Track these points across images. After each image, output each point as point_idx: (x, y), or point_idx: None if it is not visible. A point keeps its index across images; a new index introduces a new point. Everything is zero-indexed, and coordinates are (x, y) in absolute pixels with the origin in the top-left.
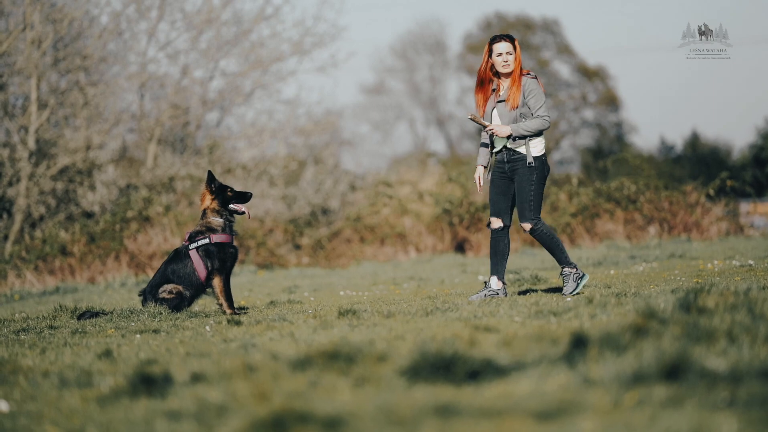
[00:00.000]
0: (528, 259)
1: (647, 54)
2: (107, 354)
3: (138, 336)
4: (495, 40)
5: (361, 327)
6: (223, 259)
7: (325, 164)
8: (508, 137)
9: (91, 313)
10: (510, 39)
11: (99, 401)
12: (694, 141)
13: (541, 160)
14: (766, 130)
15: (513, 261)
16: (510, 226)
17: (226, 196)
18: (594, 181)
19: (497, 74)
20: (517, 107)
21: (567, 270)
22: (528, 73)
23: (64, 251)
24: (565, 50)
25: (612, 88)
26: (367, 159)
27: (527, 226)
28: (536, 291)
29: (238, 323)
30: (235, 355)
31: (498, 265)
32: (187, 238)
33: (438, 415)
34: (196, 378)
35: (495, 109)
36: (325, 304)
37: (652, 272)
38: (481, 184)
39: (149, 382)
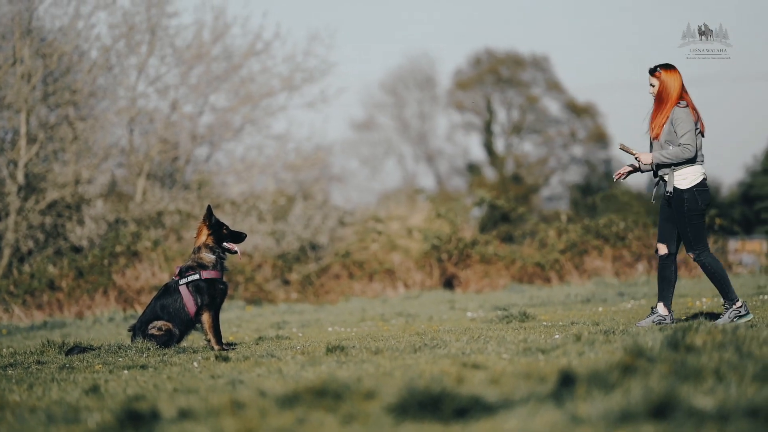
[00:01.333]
0: (516, 296)
1: (637, 91)
2: (94, 390)
3: (126, 372)
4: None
5: (349, 363)
6: (213, 295)
7: (315, 199)
8: (656, 167)
9: (79, 349)
10: (653, 71)
11: None
12: None
13: (693, 192)
14: (755, 167)
15: (501, 298)
16: (676, 253)
17: (221, 234)
18: (583, 217)
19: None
20: (657, 137)
21: (729, 305)
22: (679, 102)
23: (52, 286)
24: (554, 87)
25: (601, 125)
26: (357, 194)
27: (690, 255)
28: (525, 329)
29: (226, 359)
30: (222, 392)
31: (664, 291)
32: (177, 273)
33: None
34: (184, 414)
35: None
36: (314, 340)
37: (641, 309)
38: (620, 176)
39: (136, 419)
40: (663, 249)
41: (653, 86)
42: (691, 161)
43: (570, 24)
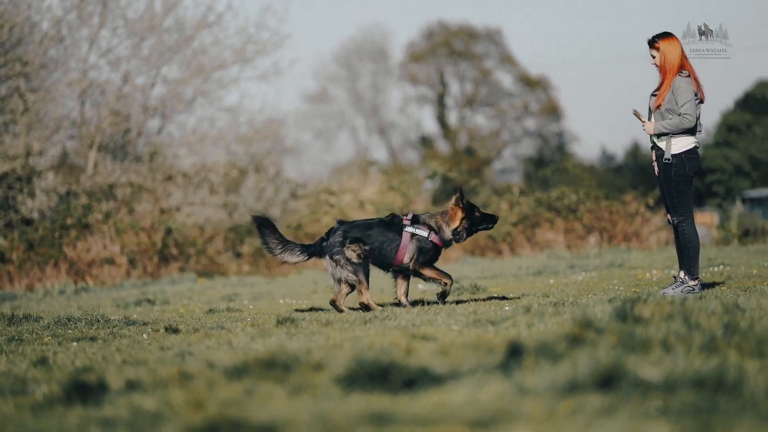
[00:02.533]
0: (468, 268)
1: (589, 65)
2: (42, 362)
3: (75, 344)
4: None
5: (299, 335)
6: (433, 258)
7: (267, 172)
8: (657, 143)
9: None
10: (652, 43)
11: (33, 409)
12: (634, 151)
13: (681, 158)
14: (707, 141)
15: (453, 270)
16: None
17: (474, 218)
18: (535, 190)
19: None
20: (659, 106)
21: (687, 278)
22: (681, 72)
23: (2, 258)
24: (507, 60)
25: (554, 98)
26: (309, 167)
27: (674, 219)
28: (476, 300)
29: (176, 331)
30: (171, 363)
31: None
32: (409, 216)
33: (373, 424)
34: (132, 386)
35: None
36: (264, 313)
37: (591, 281)
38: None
39: (84, 390)
40: (669, 217)
41: (654, 57)
42: (690, 131)
43: None
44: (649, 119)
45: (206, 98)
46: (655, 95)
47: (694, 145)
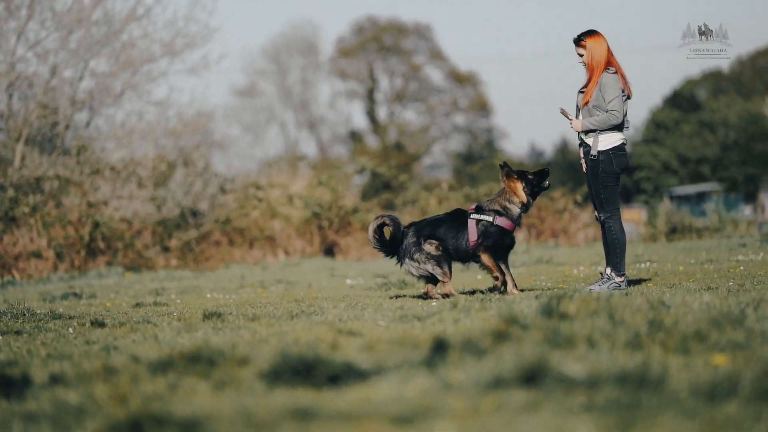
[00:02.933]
0: (397, 264)
1: (519, 61)
2: None
3: None
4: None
5: (225, 330)
6: (499, 244)
7: (195, 166)
8: (584, 140)
9: None
10: (578, 41)
11: None
12: (563, 147)
13: (609, 154)
14: (635, 138)
15: (381, 266)
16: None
17: (532, 183)
18: (464, 186)
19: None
20: (587, 103)
21: (613, 275)
22: (608, 68)
23: None
24: (437, 55)
25: (483, 94)
26: (238, 161)
27: (601, 215)
28: (403, 296)
29: (102, 325)
30: (96, 357)
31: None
32: (473, 206)
33: (296, 419)
34: (56, 380)
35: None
36: (191, 307)
37: (519, 277)
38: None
39: (7, 384)
40: (596, 214)
41: (581, 56)
42: (617, 127)
43: None
44: (577, 116)
45: (135, 91)
46: (582, 92)
47: (621, 141)
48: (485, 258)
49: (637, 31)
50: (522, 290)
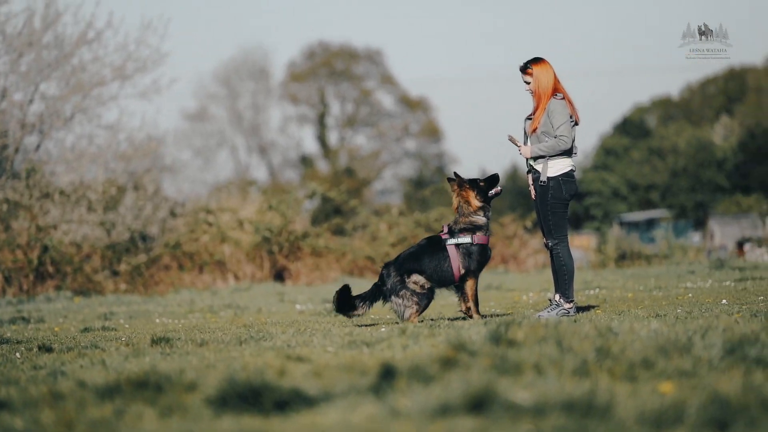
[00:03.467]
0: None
1: (469, 86)
2: None
3: None
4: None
5: (174, 355)
6: (482, 261)
7: (146, 190)
8: (534, 166)
9: None
10: (525, 68)
11: None
12: (513, 173)
13: (558, 181)
14: (584, 164)
15: (330, 291)
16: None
17: (481, 188)
18: (414, 211)
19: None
20: (535, 129)
21: (562, 302)
22: (556, 95)
23: None
24: (387, 80)
25: (433, 119)
26: (188, 185)
27: (549, 242)
28: (351, 322)
29: (50, 350)
30: (43, 383)
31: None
32: (445, 231)
33: None
34: (1, 405)
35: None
36: (140, 332)
37: None
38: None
39: None
40: (545, 240)
41: (528, 83)
42: (566, 153)
43: (403, 17)
44: (525, 143)
45: (85, 115)
46: (530, 119)
47: (570, 168)
48: (470, 284)
49: (587, 56)
50: (483, 315)
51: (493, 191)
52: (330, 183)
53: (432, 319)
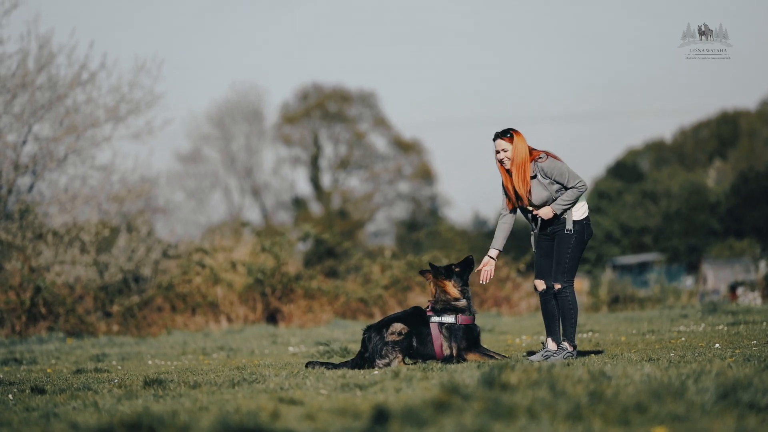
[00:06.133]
0: (339, 331)
1: (462, 128)
2: None
3: None
4: (494, 137)
5: (167, 397)
6: (471, 339)
7: (139, 231)
8: (554, 217)
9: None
10: (504, 135)
11: None
12: None
13: (582, 224)
14: None
15: (323, 333)
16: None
17: (456, 274)
18: (407, 253)
19: None
20: (530, 194)
21: (566, 346)
22: (539, 157)
23: None
24: (381, 123)
25: (427, 162)
26: (181, 227)
27: (557, 286)
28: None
29: (43, 392)
30: (36, 425)
31: (551, 326)
32: (430, 308)
33: None
34: None
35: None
36: (133, 374)
37: None
38: (490, 277)
39: None
40: (541, 285)
41: (506, 151)
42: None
43: (397, 60)
44: (515, 212)
45: (78, 156)
46: (518, 197)
47: (587, 210)
48: (475, 357)
49: (579, 100)
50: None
51: (466, 275)
52: (323, 225)
53: (425, 361)
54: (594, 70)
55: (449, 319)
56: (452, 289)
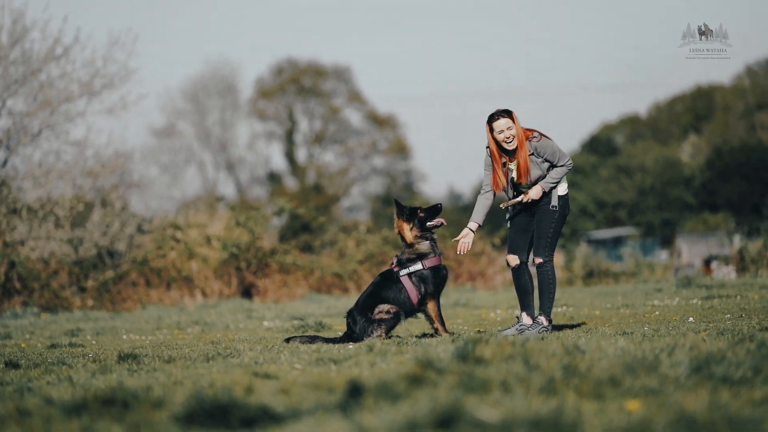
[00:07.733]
0: (314, 306)
1: (437, 102)
2: None
3: None
4: (492, 118)
5: (141, 372)
6: (437, 283)
7: (113, 206)
8: (543, 195)
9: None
10: (506, 113)
11: None
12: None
13: (564, 200)
14: None
15: (298, 308)
16: (527, 262)
17: (420, 218)
18: (382, 228)
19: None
20: (531, 175)
21: (542, 320)
22: (533, 136)
23: None
24: (356, 98)
25: (402, 137)
26: (156, 202)
27: (538, 260)
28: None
29: (17, 366)
30: (9, 399)
31: (525, 300)
32: (395, 263)
33: None
34: None
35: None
36: (107, 348)
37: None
38: (467, 249)
39: None
40: (515, 260)
41: (510, 128)
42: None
43: (372, 35)
44: (514, 193)
45: (52, 131)
46: (519, 184)
47: (567, 185)
48: (432, 306)
49: (555, 74)
50: (452, 333)
51: (432, 222)
52: (298, 200)
53: (399, 337)
54: (570, 44)
55: (416, 266)
56: (407, 233)
